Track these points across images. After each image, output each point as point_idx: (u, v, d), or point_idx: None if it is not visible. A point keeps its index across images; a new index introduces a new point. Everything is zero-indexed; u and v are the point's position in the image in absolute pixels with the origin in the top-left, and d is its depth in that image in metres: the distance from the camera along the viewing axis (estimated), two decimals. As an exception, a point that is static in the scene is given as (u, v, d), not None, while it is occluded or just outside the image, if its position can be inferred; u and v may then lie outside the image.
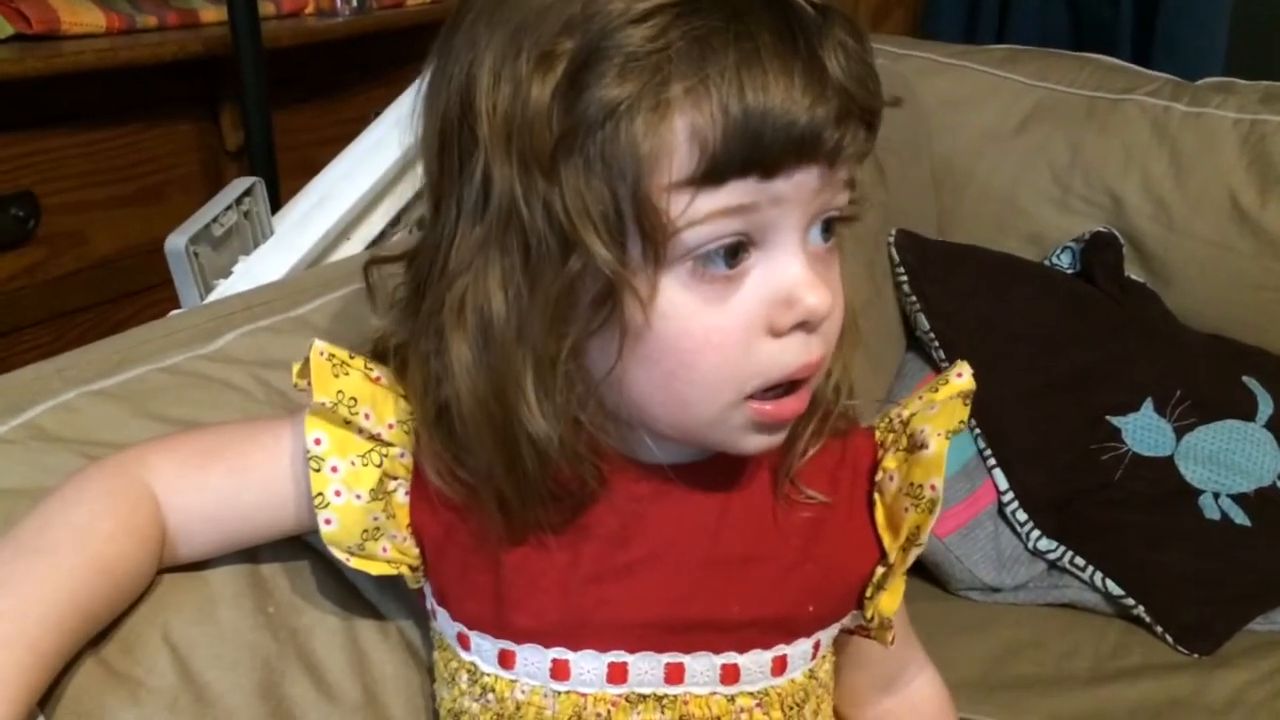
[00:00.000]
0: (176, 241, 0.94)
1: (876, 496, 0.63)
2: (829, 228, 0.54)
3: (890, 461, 0.62)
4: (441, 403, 0.55)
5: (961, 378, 0.63)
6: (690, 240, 0.50)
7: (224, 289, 0.98)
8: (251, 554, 0.61)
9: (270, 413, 0.67)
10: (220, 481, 0.58)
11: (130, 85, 1.36)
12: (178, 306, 0.99)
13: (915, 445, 0.61)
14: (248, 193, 1.02)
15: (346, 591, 0.64)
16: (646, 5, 0.48)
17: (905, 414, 0.63)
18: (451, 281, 0.53)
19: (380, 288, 0.62)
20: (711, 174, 0.49)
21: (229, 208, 0.99)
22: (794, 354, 0.53)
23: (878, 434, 0.65)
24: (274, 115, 1.35)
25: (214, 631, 0.58)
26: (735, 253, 0.51)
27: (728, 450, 0.56)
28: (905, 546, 0.61)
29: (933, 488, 0.60)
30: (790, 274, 0.52)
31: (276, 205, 1.15)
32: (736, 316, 0.52)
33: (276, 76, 1.39)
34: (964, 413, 0.62)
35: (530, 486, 0.54)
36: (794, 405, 0.55)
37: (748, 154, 0.48)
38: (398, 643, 0.65)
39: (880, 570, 0.63)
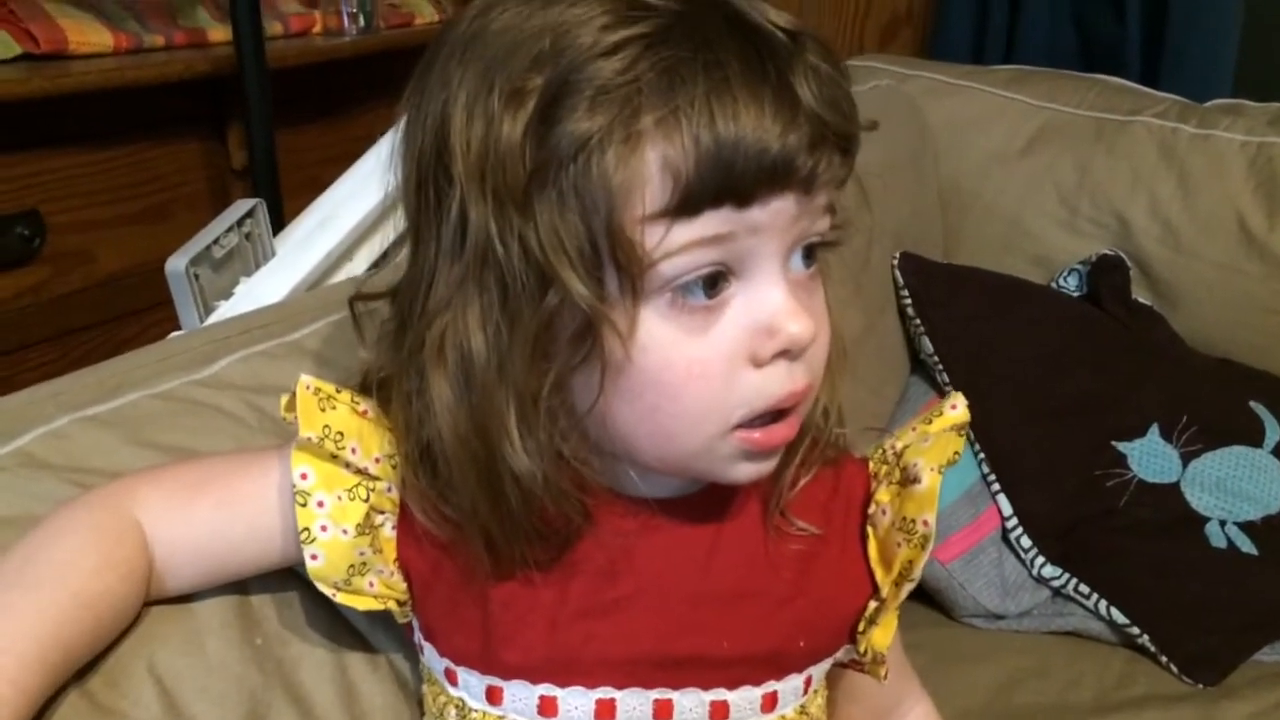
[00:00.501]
0: (176, 263, 0.94)
1: (869, 529, 0.62)
2: (810, 254, 0.54)
3: (883, 494, 0.62)
4: (425, 441, 0.55)
5: (956, 409, 0.62)
6: (667, 272, 0.50)
7: (225, 310, 0.98)
8: (240, 584, 0.61)
9: (262, 440, 0.67)
10: (208, 514, 0.58)
11: (138, 104, 1.36)
12: (181, 327, 0.99)
13: (908, 479, 0.60)
14: (249, 214, 1.02)
15: (336, 622, 0.64)
16: (615, 37, 0.48)
17: (899, 446, 0.63)
18: (431, 320, 0.53)
19: (368, 319, 0.62)
20: (685, 205, 0.48)
21: (230, 229, 0.99)
22: (778, 383, 0.52)
23: (871, 465, 0.64)
24: (281, 134, 1.36)
25: (200, 663, 0.58)
26: (714, 283, 0.51)
27: (717, 480, 0.56)
28: (898, 581, 0.60)
29: (925, 523, 0.59)
30: (771, 302, 0.52)
31: (281, 224, 1.15)
32: (718, 346, 0.51)
33: (284, 96, 1.39)
34: (959, 444, 0.61)
35: (515, 524, 0.54)
36: (783, 432, 0.54)
37: (721, 183, 0.48)
38: (387, 674, 0.65)
39: (873, 605, 0.62)
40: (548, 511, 0.54)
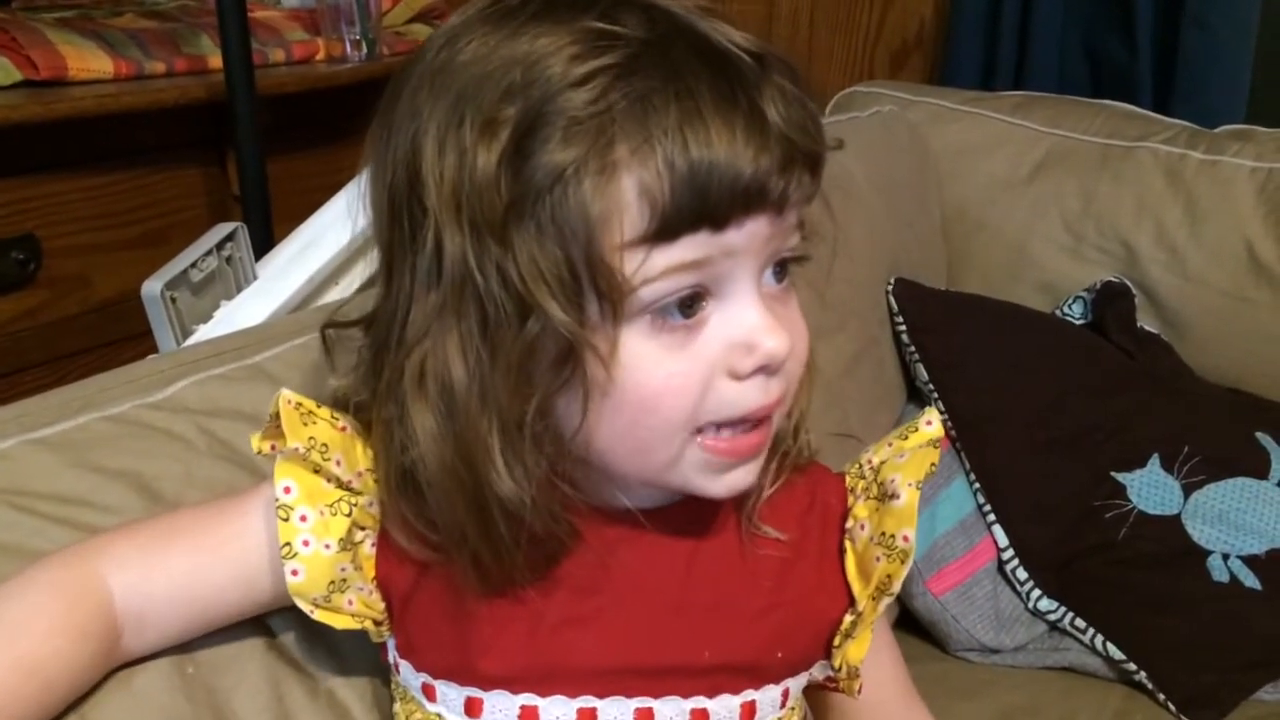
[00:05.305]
0: (151, 287, 0.93)
1: (847, 544, 0.63)
2: (782, 269, 0.55)
3: (861, 510, 0.62)
4: (406, 467, 0.55)
5: (931, 425, 0.63)
6: (647, 296, 0.50)
7: (203, 334, 0.97)
8: (174, 612, 0.60)
9: (209, 464, 0.66)
10: (186, 561, 0.57)
11: (138, 130, 1.37)
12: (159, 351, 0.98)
13: (886, 495, 0.61)
14: (230, 238, 1.02)
15: (273, 650, 0.63)
16: (585, 69, 0.49)
17: (875, 461, 0.63)
18: (410, 350, 0.53)
19: (339, 347, 0.63)
20: (664, 230, 0.49)
21: (209, 253, 0.99)
22: (754, 396, 0.53)
23: (848, 480, 0.65)
24: (282, 160, 1.36)
25: (125, 696, 0.56)
26: (691, 304, 0.52)
27: (699, 494, 0.56)
28: (875, 595, 0.61)
29: (905, 539, 0.60)
30: (748, 320, 0.52)
31: (271, 249, 1.15)
32: (697, 361, 0.52)
33: (284, 122, 1.40)
34: (934, 456, 0.62)
35: (504, 546, 0.54)
36: (754, 440, 0.55)
37: (697, 208, 0.49)
38: (326, 703, 0.63)
39: (849, 618, 0.62)
40: (535, 532, 0.54)
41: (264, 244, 1.20)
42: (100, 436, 0.66)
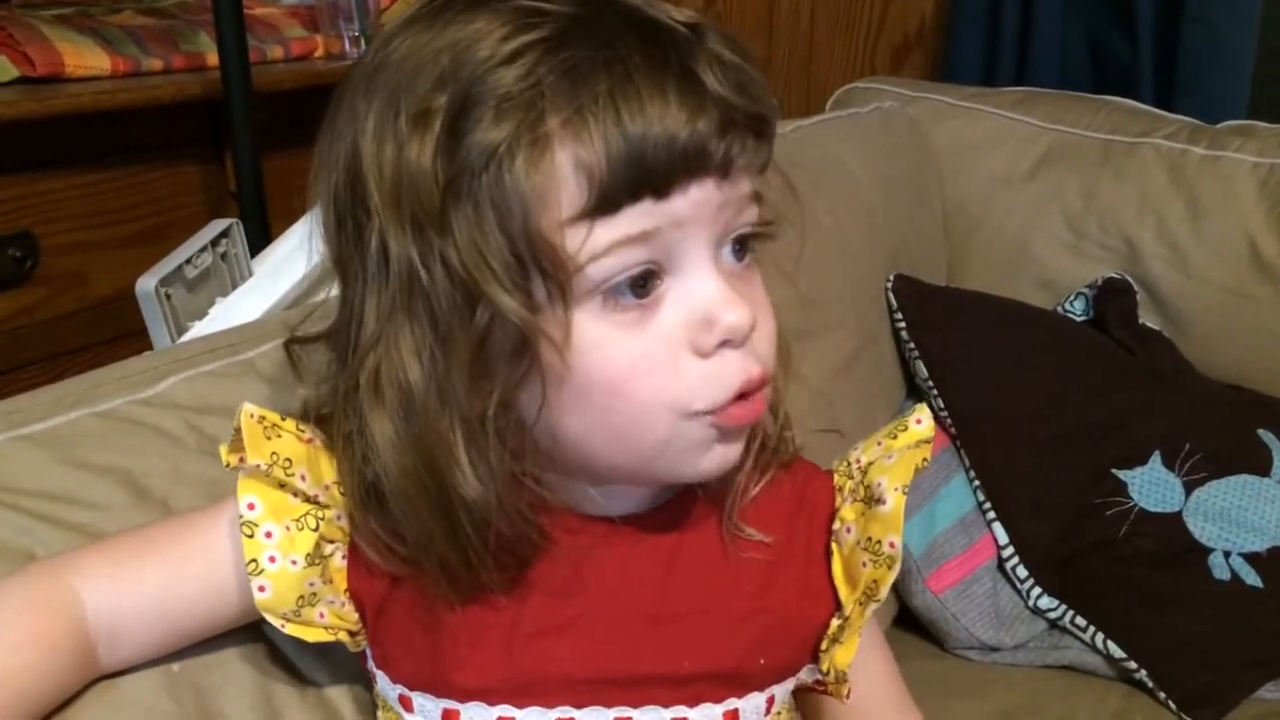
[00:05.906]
0: (146, 283, 0.93)
1: (834, 546, 0.62)
2: (743, 245, 0.54)
3: (848, 512, 0.61)
4: (370, 480, 0.54)
5: (921, 424, 0.62)
6: (596, 275, 0.49)
7: (198, 330, 0.97)
8: (160, 608, 0.59)
9: (196, 461, 0.65)
10: (157, 575, 0.57)
11: (135, 127, 1.37)
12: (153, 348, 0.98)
13: (873, 499, 0.60)
14: (225, 234, 1.02)
15: (261, 647, 0.62)
16: (513, 45, 0.48)
17: (864, 460, 0.62)
18: (364, 357, 0.52)
19: (306, 359, 0.63)
20: (604, 203, 0.48)
21: (204, 249, 0.99)
22: (733, 373, 0.52)
23: (836, 479, 0.63)
24: (280, 157, 1.35)
25: (107, 694, 0.56)
26: (644, 282, 0.50)
27: (682, 478, 0.55)
28: (862, 601, 0.60)
29: (892, 545, 0.58)
30: (705, 294, 0.51)
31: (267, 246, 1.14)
32: (656, 340, 0.51)
33: (283, 119, 1.39)
34: (925, 453, 0.60)
35: (474, 550, 0.53)
36: (753, 409, 0.53)
37: (636, 176, 0.48)
38: (315, 702, 0.63)
39: (836, 622, 0.61)
40: (504, 534, 0.53)
41: (261, 240, 1.20)
42: (89, 433, 0.65)
